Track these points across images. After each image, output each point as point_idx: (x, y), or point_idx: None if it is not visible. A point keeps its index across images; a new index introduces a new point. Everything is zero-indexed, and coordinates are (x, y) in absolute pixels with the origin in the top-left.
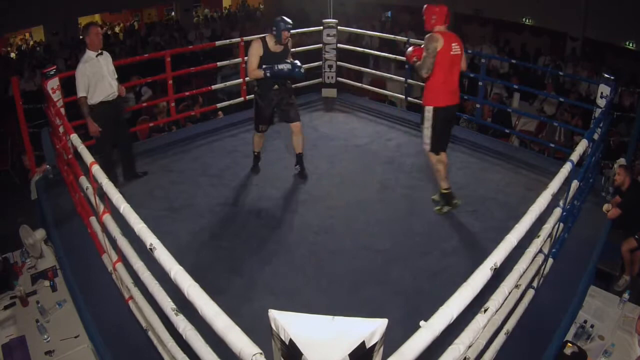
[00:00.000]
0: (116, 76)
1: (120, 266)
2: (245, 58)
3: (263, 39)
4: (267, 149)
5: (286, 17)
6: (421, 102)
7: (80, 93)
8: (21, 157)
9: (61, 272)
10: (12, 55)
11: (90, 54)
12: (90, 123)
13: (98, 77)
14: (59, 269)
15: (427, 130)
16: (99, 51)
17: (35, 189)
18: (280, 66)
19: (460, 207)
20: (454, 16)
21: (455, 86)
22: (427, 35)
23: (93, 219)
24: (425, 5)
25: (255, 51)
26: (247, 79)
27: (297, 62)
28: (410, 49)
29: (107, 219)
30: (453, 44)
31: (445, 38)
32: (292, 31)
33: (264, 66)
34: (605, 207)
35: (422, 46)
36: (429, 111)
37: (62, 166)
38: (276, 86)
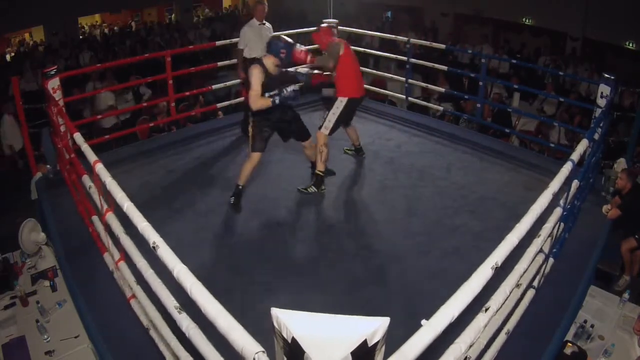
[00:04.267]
0: None
1: (122, 265)
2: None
3: (261, 64)
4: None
5: (286, 17)
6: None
7: (240, 46)
8: (24, 153)
9: (61, 272)
10: (10, 55)
11: (254, 22)
12: (240, 70)
13: (255, 40)
14: (59, 269)
15: (333, 116)
16: (262, 22)
17: (35, 189)
18: (289, 89)
19: (460, 207)
20: (453, 16)
21: (361, 80)
22: (330, 46)
23: (95, 218)
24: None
25: (259, 77)
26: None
27: (295, 87)
28: (309, 70)
29: (110, 217)
30: (348, 45)
31: (343, 44)
32: (292, 31)
33: (268, 94)
34: (605, 208)
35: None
36: (341, 101)
37: (63, 166)
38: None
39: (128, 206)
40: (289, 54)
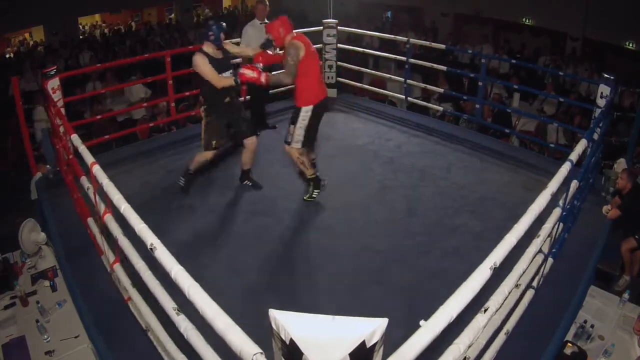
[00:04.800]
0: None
1: (118, 267)
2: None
3: (202, 51)
4: (266, 149)
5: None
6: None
7: (242, 45)
8: (23, 157)
9: (61, 272)
10: (10, 55)
11: (256, 21)
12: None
13: (257, 39)
14: (59, 269)
15: (300, 130)
16: (264, 21)
17: (35, 189)
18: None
19: (460, 207)
20: (453, 16)
21: (322, 80)
22: (286, 45)
23: (91, 220)
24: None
25: (204, 62)
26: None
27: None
28: (246, 71)
29: (109, 219)
30: (310, 44)
31: (302, 41)
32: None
33: (222, 75)
34: (605, 208)
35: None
36: (306, 111)
37: (62, 166)
38: (228, 99)
39: (125, 208)
40: (217, 33)
